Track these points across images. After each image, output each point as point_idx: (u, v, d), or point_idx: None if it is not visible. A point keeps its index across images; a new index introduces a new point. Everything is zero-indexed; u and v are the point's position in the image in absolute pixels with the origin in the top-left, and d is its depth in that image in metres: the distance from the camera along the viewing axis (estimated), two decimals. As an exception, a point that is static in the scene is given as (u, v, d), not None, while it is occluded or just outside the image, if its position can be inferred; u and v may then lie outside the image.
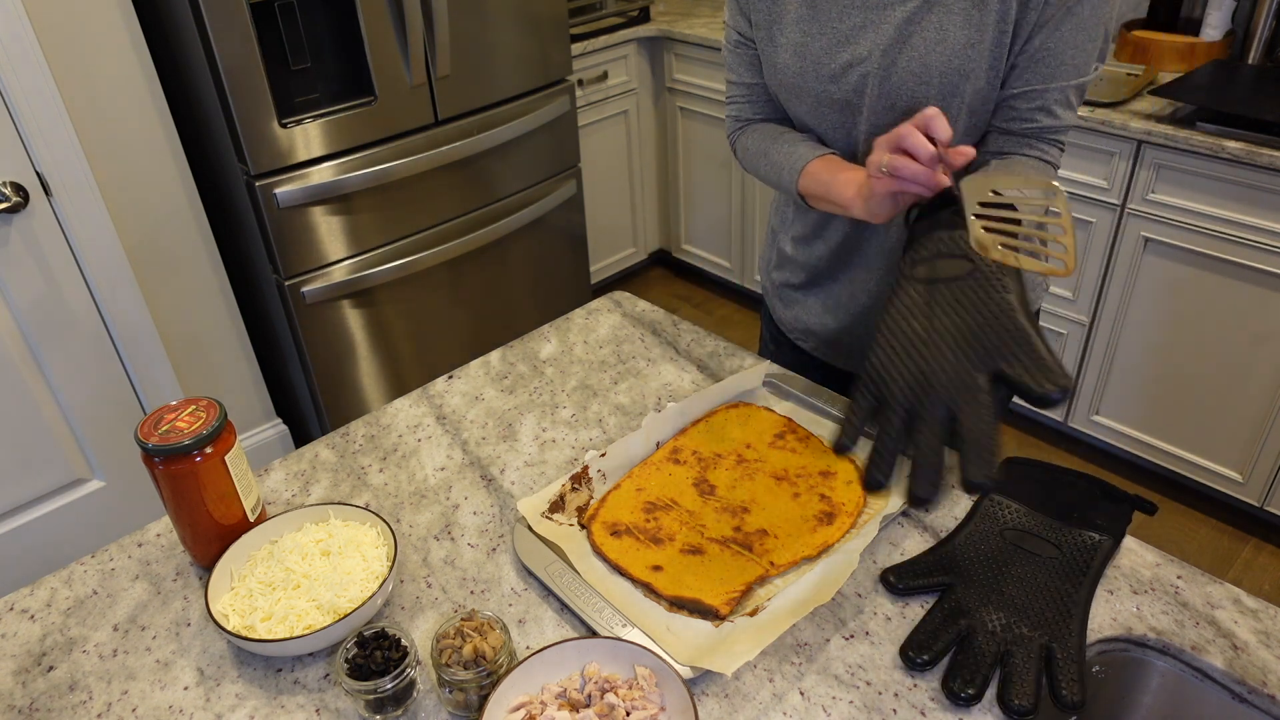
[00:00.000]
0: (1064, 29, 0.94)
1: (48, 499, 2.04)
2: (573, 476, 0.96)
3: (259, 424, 2.40)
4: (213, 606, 0.82)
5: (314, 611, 0.82)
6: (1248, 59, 2.16)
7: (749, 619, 0.81)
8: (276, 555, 0.88)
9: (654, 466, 0.99)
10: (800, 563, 0.87)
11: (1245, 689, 0.76)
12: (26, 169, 1.78)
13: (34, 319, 1.87)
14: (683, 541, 0.90)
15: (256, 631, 0.81)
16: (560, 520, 0.94)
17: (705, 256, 3.23)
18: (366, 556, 0.87)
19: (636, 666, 0.75)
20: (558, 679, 0.76)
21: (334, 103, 1.98)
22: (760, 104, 1.16)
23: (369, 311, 2.22)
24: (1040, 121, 1.00)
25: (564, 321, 1.32)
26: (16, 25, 1.68)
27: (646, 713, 0.71)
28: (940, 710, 0.74)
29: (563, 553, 0.89)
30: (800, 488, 0.96)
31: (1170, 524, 2.22)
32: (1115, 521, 0.89)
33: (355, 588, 0.84)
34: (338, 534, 0.90)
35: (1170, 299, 2.05)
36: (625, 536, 0.90)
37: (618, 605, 0.83)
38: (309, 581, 0.85)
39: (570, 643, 0.77)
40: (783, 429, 1.04)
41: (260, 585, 0.85)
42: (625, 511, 0.93)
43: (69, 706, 0.79)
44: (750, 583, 0.84)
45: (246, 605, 0.83)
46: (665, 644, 0.79)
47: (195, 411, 0.86)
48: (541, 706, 0.73)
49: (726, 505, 0.94)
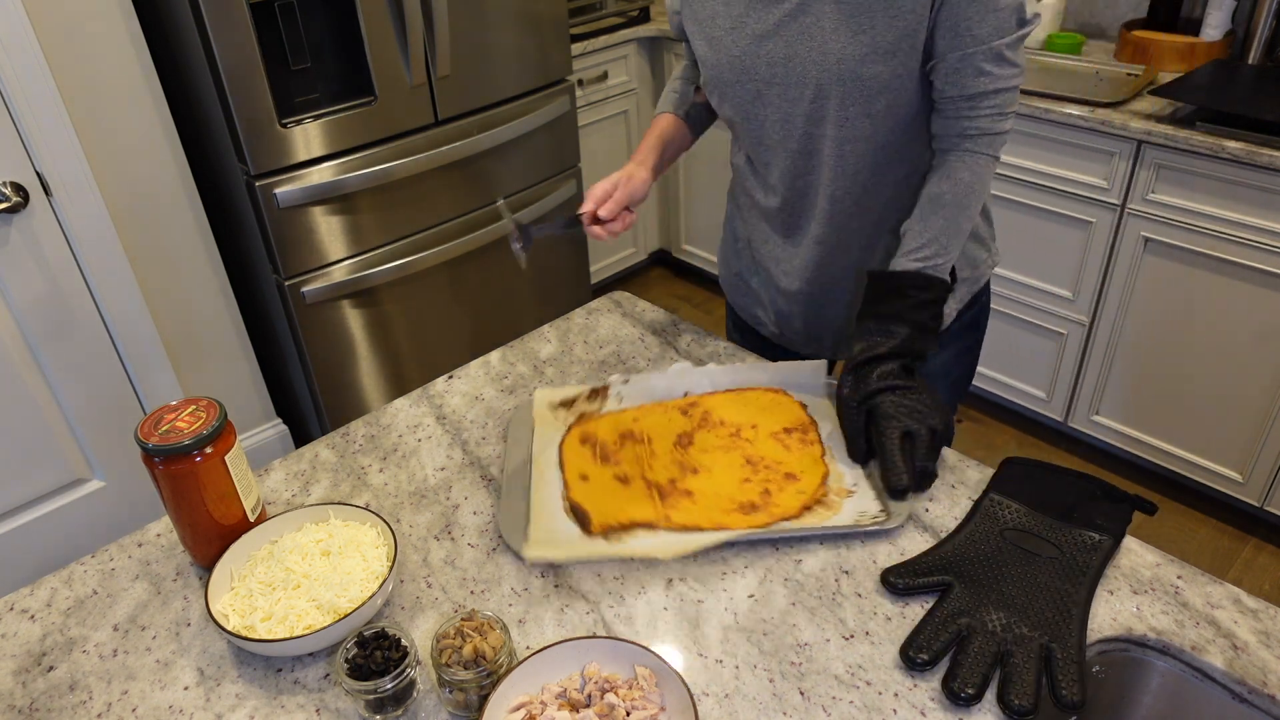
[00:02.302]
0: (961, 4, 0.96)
1: (48, 499, 2.04)
2: (594, 389, 1.11)
3: (259, 424, 2.40)
4: (213, 606, 0.82)
5: (314, 611, 0.82)
6: (1248, 59, 2.16)
7: (603, 540, 0.90)
8: (276, 555, 0.88)
9: (662, 409, 1.08)
10: (691, 529, 0.91)
11: (1245, 689, 0.76)
12: (26, 169, 1.78)
13: (34, 319, 1.87)
14: (622, 470, 1.00)
15: (256, 631, 0.81)
16: (560, 414, 1.08)
17: (705, 256, 3.23)
18: (367, 556, 0.87)
19: (637, 667, 0.75)
20: (558, 679, 0.76)
21: (334, 103, 1.98)
22: (686, 83, 1.27)
23: (369, 311, 2.22)
24: (974, 87, 0.99)
25: (564, 321, 1.32)
26: (16, 25, 1.68)
27: (646, 713, 0.71)
28: (940, 710, 0.74)
29: (535, 432, 1.05)
30: (756, 477, 0.98)
31: (1170, 524, 2.22)
32: (1115, 521, 0.89)
33: (355, 588, 0.84)
34: (338, 534, 0.90)
35: (1170, 299, 2.04)
36: (587, 446, 1.03)
37: (533, 484, 0.98)
38: (309, 581, 0.85)
39: (570, 643, 0.77)
40: (795, 426, 1.04)
41: (260, 585, 0.85)
42: (606, 430, 1.05)
43: (69, 706, 0.79)
44: (637, 521, 0.92)
45: (246, 605, 0.83)
46: (533, 525, 0.92)
47: (195, 411, 0.86)
48: (541, 706, 0.73)
49: (684, 462, 1.01)
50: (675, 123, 1.25)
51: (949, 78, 1.00)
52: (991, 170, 1.04)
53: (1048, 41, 2.41)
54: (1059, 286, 2.23)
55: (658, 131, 1.23)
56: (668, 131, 1.24)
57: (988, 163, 1.03)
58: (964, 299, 1.21)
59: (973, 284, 1.21)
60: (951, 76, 0.99)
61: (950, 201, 1.02)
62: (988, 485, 0.96)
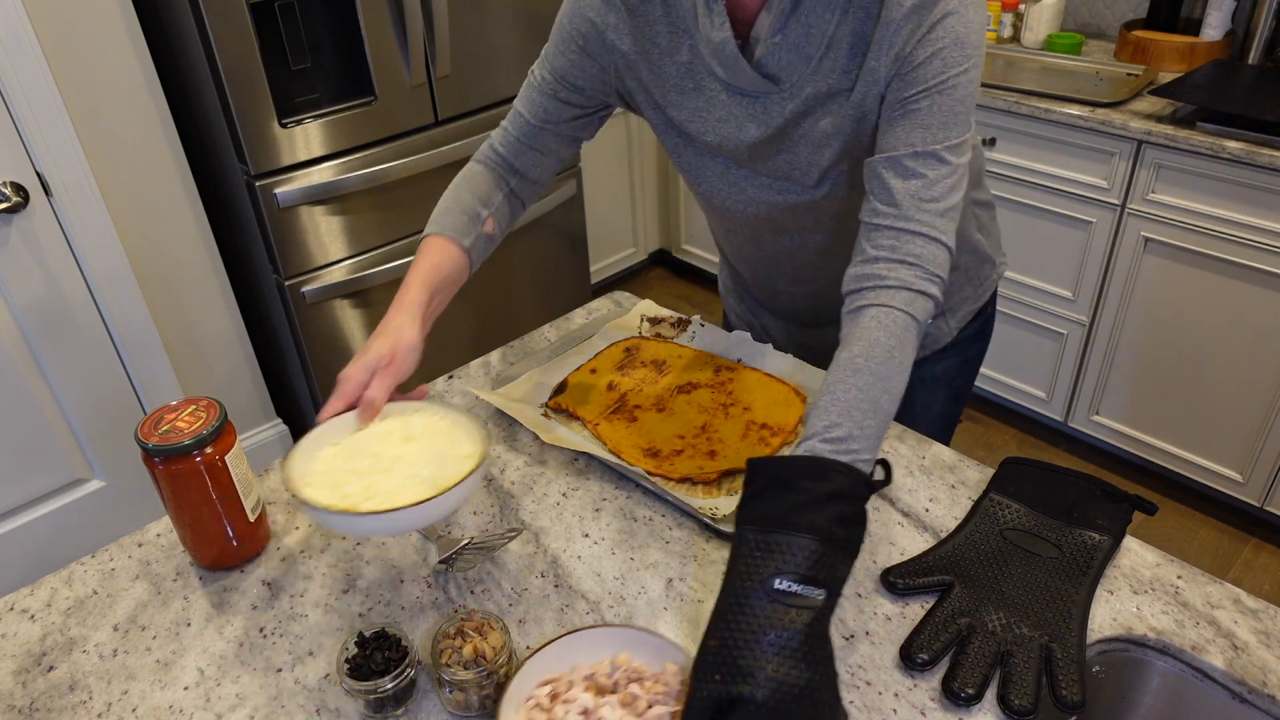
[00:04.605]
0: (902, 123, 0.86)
1: (48, 499, 2.04)
2: (680, 318, 1.25)
3: (259, 424, 2.40)
4: (293, 475, 0.78)
5: (418, 487, 0.78)
6: (1248, 59, 2.16)
7: (539, 413, 1.09)
8: (355, 446, 0.84)
9: (708, 357, 1.17)
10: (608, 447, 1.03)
11: (1245, 689, 0.76)
12: (26, 169, 1.78)
13: (34, 319, 1.87)
14: (619, 380, 1.13)
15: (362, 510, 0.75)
16: (644, 326, 1.25)
17: (705, 256, 3.23)
18: (453, 438, 0.84)
19: (666, 663, 0.75)
20: (589, 662, 0.76)
21: (334, 103, 1.98)
22: (521, 145, 1.07)
23: (369, 311, 2.22)
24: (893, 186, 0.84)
25: (564, 321, 1.32)
26: (16, 25, 1.68)
27: (666, 709, 0.71)
28: (940, 710, 0.74)
29: (614, 324, 1.25)
30: (688, 438, 1.04)
31: (1170, 524, 2.22)
32: (1115, 521, 0.89)
33: (454, 466, 0.80)
34: (413, 423, 0.87)
35: (1170, 299, 2.05)
36: (625, 354, 1.19)
37: (565, 356, 1.19)
38: (401, 463, 0.81)
39: (606, 629, 0.78)
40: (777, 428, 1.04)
41: (346, 473, 0.80)
42: (650, 352, 1.19)
43: (69, 706, 0.79)
44: (576, 414, 1.08)
45: (337, 494, 0.77)
46: (522, 381, 1.15)
47: (195, 411, 0.86)
48: (568, 685, 0.73)
49: (662, 399, 1.10)
50: (453, 255, 0.99)
51: None
52: (912, 336, 0.82)
53: (1048, 41, 2.41)
54: (1059, 286, 2.23)
55: (428, 268, 0.96)
56: (443, 268, 0.97)
57: (908, 324, 0.82)
58: (969, 315, 1.20)
59: (976, 300, 1.21)
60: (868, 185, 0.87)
61: (864, 368, 0.79)
62: (988, 485, 0.96)
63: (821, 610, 0.67)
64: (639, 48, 0.96)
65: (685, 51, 0.94)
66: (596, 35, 0.98)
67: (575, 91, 1.03)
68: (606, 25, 0.96)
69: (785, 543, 0.69)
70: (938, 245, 0.83)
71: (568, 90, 1.02)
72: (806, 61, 0.88)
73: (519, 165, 1.08)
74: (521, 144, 1.07)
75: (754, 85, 0.91)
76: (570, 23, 0.99)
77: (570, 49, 1.00)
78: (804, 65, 0.89)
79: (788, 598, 0.67)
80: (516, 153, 1.07)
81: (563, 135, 1.07)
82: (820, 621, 0.67)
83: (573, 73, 1.01)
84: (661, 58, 0.96)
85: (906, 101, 0.85)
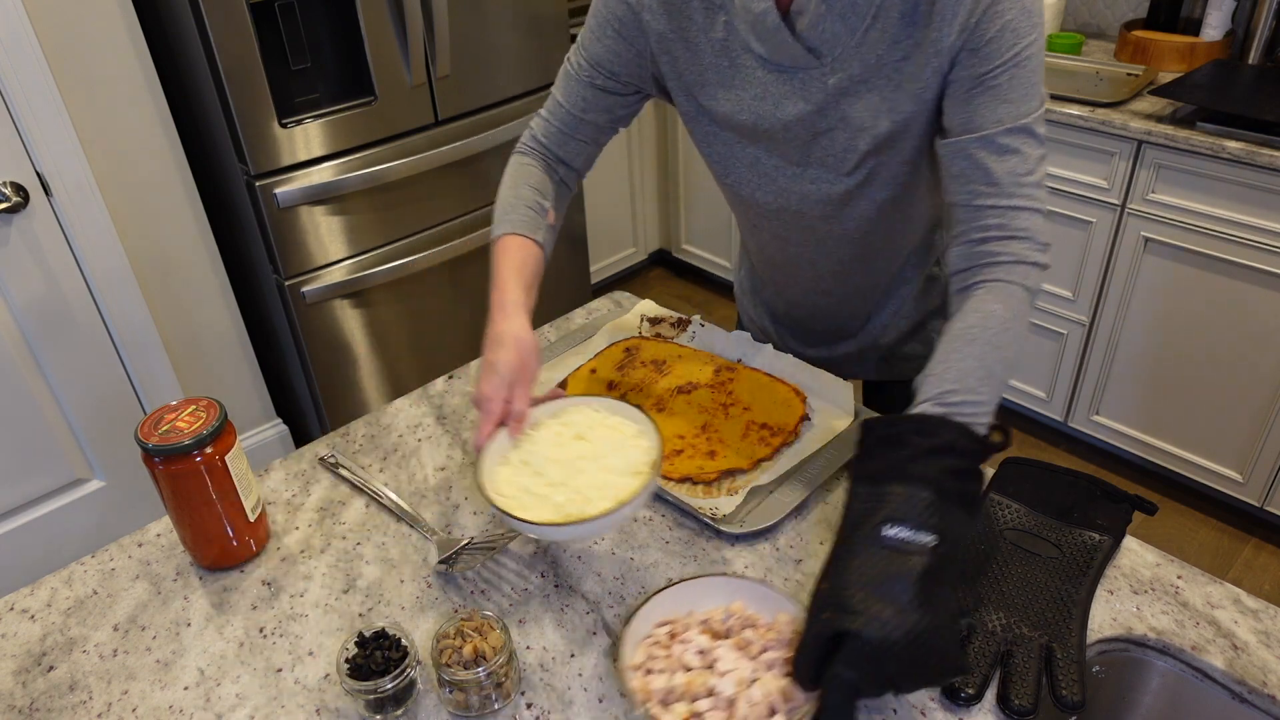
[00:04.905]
0: (984, 99, 0.84)
1: (48, 499, 2.04)
2: (680, 318, 1.25)
3: (259, 424, 2.40)
4: (495, 498, 0.80)
5: (618, 475, 0.81)
6: (1248, 59, 2.16)
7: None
8: (529, 461, 0.86)
9: (708, 358, 1.16)
10: None
11: (1245, 689, 0.76)
12: (26, 169, 1.78)
13: (34, 319, 1.87)
14: (619, 379, 1.13)
15: (587, 510, 0.78)
16: (644, 326, 1.25)
17: (705, 256, 3.23)
18: (612, 420, 0.89)
19: (779, 613, 0.78)
20: (704, 608, 0.80)
21: (334, 103, 1.98)
22: (565, 136, 1.07)
23: (369, 311, 2.22)
24: (991, 166, 0.84)
25: (564, 321, 1.32)
26: (16, 25, 1.68)
27: (778, 654, 0.74)
28: (940, 710, 0.74)
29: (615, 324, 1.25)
30: (688, 438, 1.03)
31: (1170, 524, 2.22)
32: (1115, 521, 0.89)
33: (630, 443, 0.85)
34: (571, 422, 0.90)
35: (1170, 299, 2.05)
36: (625, 354, 1.18)
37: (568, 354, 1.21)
38: (588, 460, 0.84)
39: (722, 578, 0.82)
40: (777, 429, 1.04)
41: (546, 488, 0.82)
42: (650, 352, 1.18)
43: (69, 706, 0.79)
44: None
45: (551, 509, 0.80)
46: None
47: (195, 411, 0.86)
48: (684, 626, 0.77)
49: (662, 398, 1.10)
50: (531, 249, 1.00)
51: (955, 180, 0.87)
52: (1027, 308, 0.84)
53: (1048, 41, 2.41)
54: (1059, 286, 2.23)
55: (516, 265, 0.97)
56: (528, 264, 0.98)
57: (1024, 296, 0.84)
58: None
59: None
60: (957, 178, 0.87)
61: (979, 338, 0.80)
62: (988, 485, 0.96)
63: (937, 558, 0.68)
64: (674, 25, 0.95)
65: (720, 28, 0.92)
66: (632, 17, 0.97)
67: (611, 78, 1.02)
68: (641, 6, 0.96)
69: (894, 492, 0.70)
70: (1040, 215, 0.85)
71: (604, 77, 1.02)
72: (851, 33, 0.86)
73: (563, 155, 1.08)
74: (564, 134, 1.07)
75: (794, 59, 0.89)
76: (605, 7, 0.99)
77: (606, 34, 0.99)
78: (849, 36, 0.86)
79: (898, 543, 0.68)
80: (560, 143, 1.07)
81: (601, 124, 1.07)
82: (937, 569, 0.67)
83: (609, 58, 1.00)
84: (697, 34, 0.94)
85: (985, 78, 0.83)
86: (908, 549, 0.68)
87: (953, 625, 0.67)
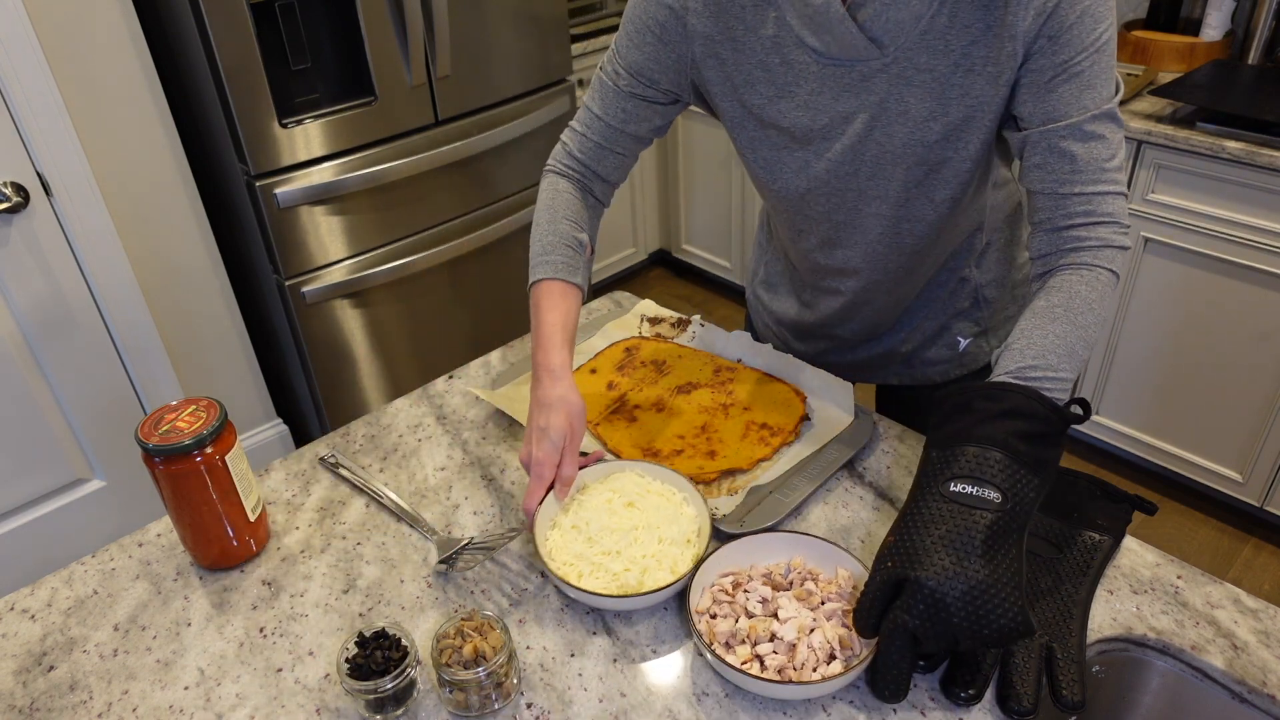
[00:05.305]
0: (1068, 88, 0.84)
1: (48, 499, 2.04)
2: (681, 318, 1.25)
3: (259, 424, 2.40)
4: (551, 564, 0.84)
5: (670, 546, 0.86)
6: (1248, 59, 2.16)
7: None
8: (579, 526, 0.89)
9: (707, 357, 1.17)
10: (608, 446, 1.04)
11: (1245, 689, 0.76)
12: (26, 169, 1.78)
13: (34, 319, 1.87)
14: (619, 380, 1.14)
15: (642, 584, 0.83)
16: (644, 326, 1.25)
17: (705, 256, 3.23)
18: (656, 487, 0.93)
19: (839, 569, 0.82)
20: (766, 563, 0.84)
21: (334, 103, 1.98)
22: (602, 150, 1.04)
23: (369, 311, 2.22)
24: (1077, 153, 0.84)
25: (564, 321, 1.32)
26: (16, 25, 1.68)
27: (838, 605, 0.78)
28: (940, 710, 0.74)
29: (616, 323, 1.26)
30: (688, 437, 1.04)
31: (1170, 524, 2.22)
32: (1115, 521, 0.89)
33: (679, 510, 0.89)
34: (619, 489, 0.92)
35: (1170, 299, 2.05)
36: (625, 354, 1.19)
37: None
38: (641, 530, 0.87)
39: (785, 534, 0.86)
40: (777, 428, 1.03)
41: (602, 557, 0.86)
42: (650, 352, 1.19)
43: (69, 706, 0.79)
44: None
45: (608, 580, 0.84)
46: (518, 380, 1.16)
47: (195, 411, 0.86)
48: (748, 578, 0.82)
49: (662, 399, 1.10)
50: (572, 296, 0.98)
51: (1037, 169, 0.86)
52: (1112, 291, 0.85)
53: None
54: (1059, 286, 2.23)
55: (559, 322, 0.95)
56: (570, 316, 0.96)
57: (1109, 280, 0.85)
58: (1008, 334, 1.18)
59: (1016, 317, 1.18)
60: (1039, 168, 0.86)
61: (1061, 316, 0.81)
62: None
63: (1005, 515, 0.70)
64: (722, 26, 0.93)
65: (771, 25, 0.90)
66: (676, 21, 0.94)
67: (651, 85, 0.99)
68: (687, 9, 0.93)
69: (961, 451, 0.74)
70: (1123, 198, 0.87)
71: (644, 85, 0.99)
72: (917, 20, 0.84)
73: (600, 170, 1.06)
74: (602, 148, 1.04)
75: (854, 51, 0.86)
76: (644, 13, 0.96)
77: (645, 40, 0.97)
78: (913, 25, 0.84)
79: (962, 498, 0.72)
80: (597, 158, 1.05)
81: (641, 135, 1.04)
82: (1006, 526, 0.70)
83: (649, 66, 0.98)
84: (746, 34, 0.92)
85: (1068, 65, 0.82)
86: (971, 503, 0.71)
87: (1015, 584, 0.69)
